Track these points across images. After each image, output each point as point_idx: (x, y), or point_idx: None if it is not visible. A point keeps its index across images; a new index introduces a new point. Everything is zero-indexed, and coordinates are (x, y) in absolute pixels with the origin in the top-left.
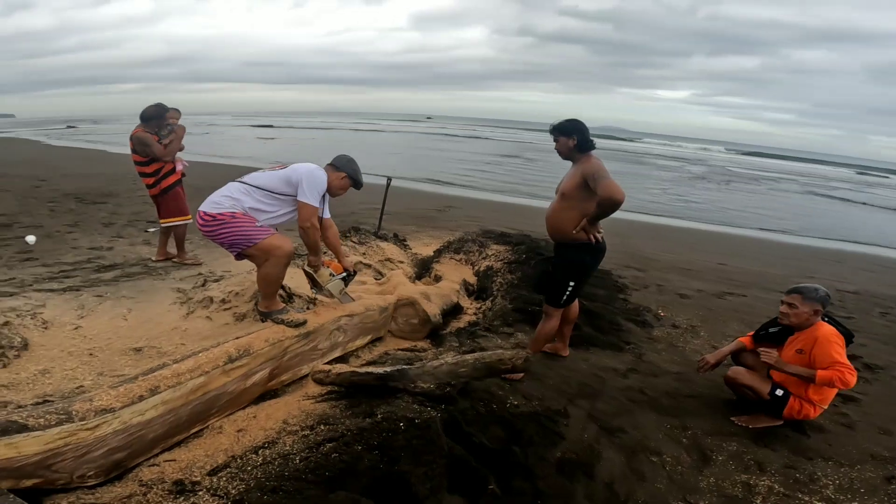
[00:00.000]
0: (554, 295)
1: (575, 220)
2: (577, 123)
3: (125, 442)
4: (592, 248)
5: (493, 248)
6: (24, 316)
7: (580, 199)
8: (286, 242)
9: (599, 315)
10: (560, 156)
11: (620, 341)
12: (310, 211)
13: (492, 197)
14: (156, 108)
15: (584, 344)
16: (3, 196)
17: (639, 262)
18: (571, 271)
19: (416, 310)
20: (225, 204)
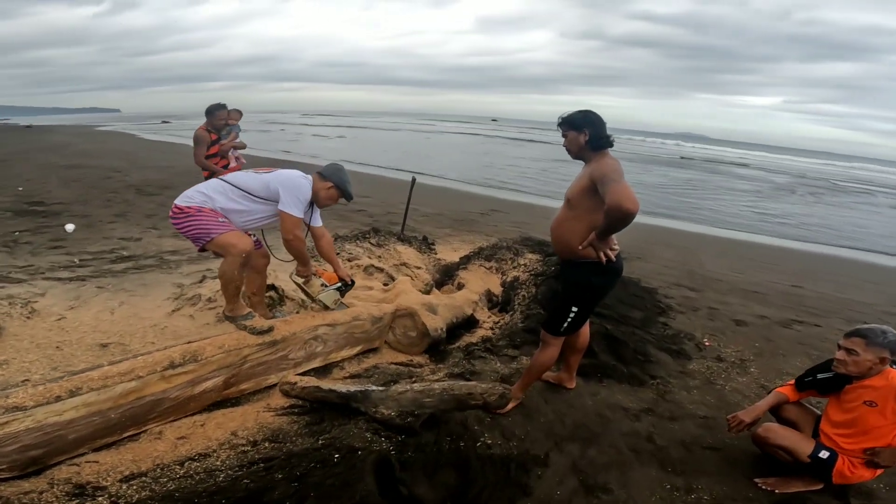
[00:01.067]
0: (553, 320)
1: (581, 234)
2: (590, 115)
3: (41, 440)
4: (603, 269)
5: (527, 257)
6: (15, 304)
7: (588, 207)
8: (242, 241)
9: (624, 341)
10: (570, 154)
11: (644, 374)
12: (292, 222)
13: (543, 202)
14: (211, 107)
15: (599, 375)
16: (72, 185)
17: (695, 280)
18: (575, 295)
19: (414, 322)
20: (195, 199)
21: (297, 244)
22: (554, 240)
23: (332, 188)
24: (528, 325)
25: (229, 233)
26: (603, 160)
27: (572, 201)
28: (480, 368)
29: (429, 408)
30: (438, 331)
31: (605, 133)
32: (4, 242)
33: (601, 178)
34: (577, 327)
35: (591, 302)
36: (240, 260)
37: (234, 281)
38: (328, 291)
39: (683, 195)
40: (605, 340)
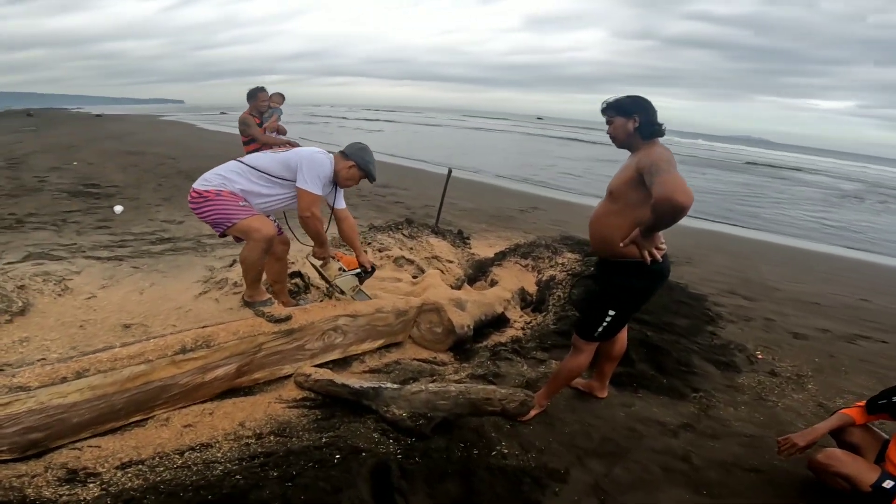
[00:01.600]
0: (586, 323)
1: (623, 230)
2: (640, 100)
3: (43, 422)
4: (646, 270)
5: (565, 256)
6: (49, 281)
7: (633, 201)
8: (266, 226)
9: (666, 350)
10: (615, 143)
11: (686, 386)
12: (309, 199)
13: (584, 201)
14: (252, 90)
15: (635, 385)
16: (128, 170)
17: (751, 289)
18: (613, 297)
19: (440, 317)
20: (213, 181)
21: (314, 223)
22: (592, 235)
23: (353, 167)
24: (560, 327)
25: (252, 217)
26: (653, 149)
27: (615, 194)
28: (505, 371)
29: (442, 411)
30: (465, 328)
31: (656, 120)
32: (54, 221)
33: (649, 168)
34: (613, 333)
35: (630, 306)
36: (263, 245)
37: (255, 267)
38: (346, 276)
39: (740, 200)
40: (645, 348)
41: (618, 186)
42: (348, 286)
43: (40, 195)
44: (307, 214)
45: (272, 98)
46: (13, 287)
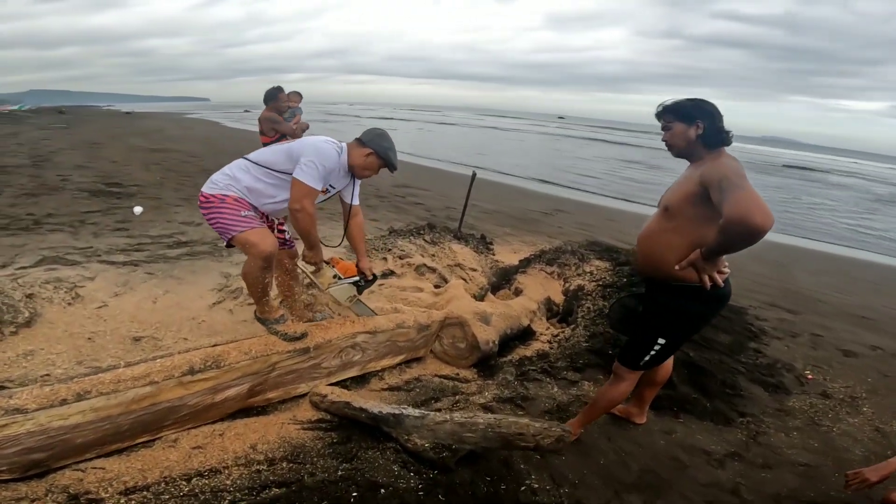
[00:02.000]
0: (632, 351)
1: (681, 250)
2: (705, 105)
3: (44, 444)
4: (705, 295)
5: (593, 264)
6: (60, 288)
7: (694, 218)
8: (264, 241)
9: (710, 371)
10: (671, 151)
11: (732, 410)
12: (302, 190)
13: (610, 204)
14: (272, 90)
15: (675, 409)
16: (152, 168)
17: (792, 300)
18: (664, 324)
19: (464, 332)
20: (220, 183)
21: (305, 219)
22: (642, 254)
23: (371, 155)
24: (593, 345)
25: (251, 230)
26: (720, 160)
27: (672, 209)
28: (534, 393)
29: (469, 444)
30: (490, 344)
31: (723, 126)
32: (72, 222)
33: (719, 182)
34: (661, 362)
35: (683, 333)
36: (260, 262)
37: (257, 284)
38: (341, 285)
39: (773, 204)
40: (686, 369)
41: (676, 201)
42: (344, 296)
43: (61, 194)
44: (296, 207)
45: (290, 97)
46: (21, 296)
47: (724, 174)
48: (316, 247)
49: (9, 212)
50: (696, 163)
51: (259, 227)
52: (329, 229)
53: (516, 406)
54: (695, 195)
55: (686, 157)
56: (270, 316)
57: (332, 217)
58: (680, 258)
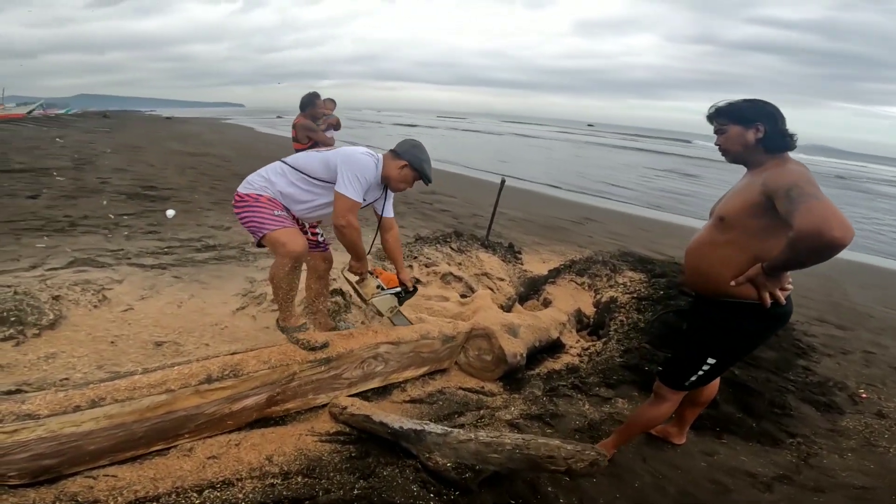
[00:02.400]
0: (676, 370)
1: (738, 265)
2: (765, 106)
3: (55, 450)
4: (763, 313)
5: (626, 275)
6: (88, 290)
7: (753, 230)
8: (294, 241)
9: (756, 389)
10: (726, 157)
11: (781, 431)
12: (345, 204)
13: (643, 212)
14: (309, 96)
15: (718, 429)
16: (187, 172)
17: (842, 315)
18: (716, 343)
19: (490, 345)
20: (255, 184)
21: (351, 233)
22: (692, 268)
23: (405, 167)
24: (628, 360)
25: (282, 230)
26: (786, 166)
27: (729, 220)
28: (564, 410)
29: (494, 465)
30: (517, 357)
31: (787, 130)
32: (106, 224)
33: (787, 191)
34: (708, 382)
35: (736, 353)
36: (289, 262)
37: (283, 286)
38: (384, 296)
39: None
40: (731, 387)
41: (733, 211)
42: (386, 306)
43: (98, 197)
44: (342, 223)
45: (325, 104)
46: (48, 297)
47: (793, 181)
48: (363, 258)
49: (46, 213)
50: (755, 169)
51: (290, 227)
52: None
53: (544, 423)
54: (756, 205)
55: (743, 163)
56: (292, 324)
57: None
58: (737, 273)
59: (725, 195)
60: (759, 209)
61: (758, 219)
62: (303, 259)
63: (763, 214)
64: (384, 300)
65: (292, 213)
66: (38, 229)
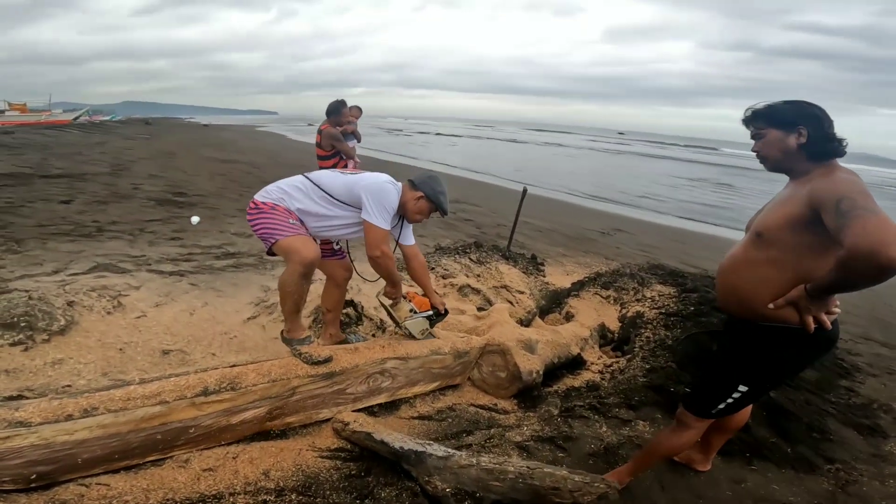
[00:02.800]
0: (703, 396)
1: (777, 285)
2: (809, 108)
3: (49, 457)
4: (805, 339)
5: (655, 289)
6: (103, 296)
7: (797, 247)
8: (307, 248)
9: (793, 412)
10: (765, 165)
11: (818, 456)
12: (378, 235)
13: (677, 223)
14: (336, 104)
15: (748, 454)
16: (217, 178)
17: (889, 333)
18: (750, 370)
19: (505, 361)
20: (272, 195)
21: (386, 262)
22: (725, 288)
23: (422, 199)
24: (652, 380)
25: (295, 237)
26: (834, 175)
27: (767, 236)
28: (579, 432)
29: (495, 493)
30: (533, 374)
31: (833, 133)
32: (132, 230)
33: (836, 203)
34: (738, 410)
35: (772, 381)
36: (300, 270)
37: (292, 294)
38: (416, 319)
39: None
40: (766, 409)
41: (773, 226)
42: (418, 329)
43: (129, 202)
44: (377, 253)
45: (351, 111)
46: (62, 303)
47: (843, 193)
48: (398, 284)
49: (76, 218)
50: (798, 179)
51: (304, 235)
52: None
53: (556, 447)
54: (799, 219)
55: (784, 172)
56: (297, 336)
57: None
58: (776, 295)
59: (764, 208)
60: (802, 224)
61: (801, 235)
62: (315, 267)
63: (807, 230)
64: (417, 323)
65: (306, 227)
66: (65, 234)
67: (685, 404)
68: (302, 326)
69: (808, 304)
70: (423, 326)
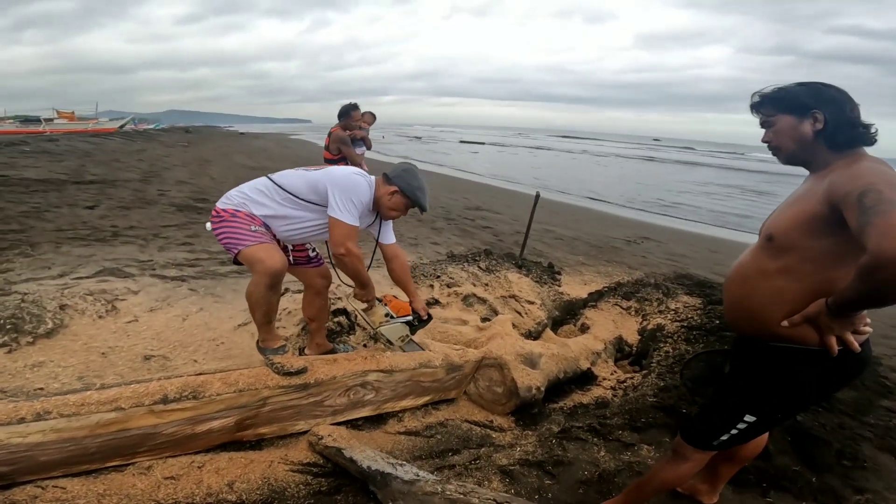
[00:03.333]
0: (704, 425)
1: (793, 300)
2: (826, 90)
3: (6, 458)
4: (829, 361)
5: (680, 300)
6: (99, 300)
7: (813, 252)
8: (271, 258)
9: (823, 437)
10: (778, 156)
11: (847, 486)
12: (342, 231)
13: (712, 232)
14: (346, 107)
15: (765, 484)
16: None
17: None
18: (759, 398)
19: (502, 375)
20: (234, 200)
21: (352, 261)
22: (731, 303)
23: (396, 194)
24: (662, 399)
25: (258, 245)
26: (859, 164)
27: (780, 240)
28: (573, 456)
29: None
30: (532, 390)
31: (858, 118)
32: (146, 235)
33: (858, 197)
34: (745, 441)
35: (785, 411)
36: (265, 281)
37: (260, 305)
38: (393, 324)
39: None
40: (790, 434)
41: (787, 228)
42: (396, 335)
43: (152, 208)
44: (341, 251)
45: (364, 117)
46: (54, 306)
47: (867, 184)
48: (367, 285)
49: (97, 223)
50: (818, 172)
51: (268, 243)
52: None
53: (544, 472)
54: (817, 218)
55: (801, 164)
56: (270, 345)
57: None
58: (791, 311)
59: (778, 208)
60: (820, 224)
61: (820, 238)
62: (281, 277)
63: (827, 232)
64: (393, 329)
65: (272, 232)
66: (81, 238)
67: (682, 433)
68: (275, 336)
69: (830, 321)
70: (401, 333)
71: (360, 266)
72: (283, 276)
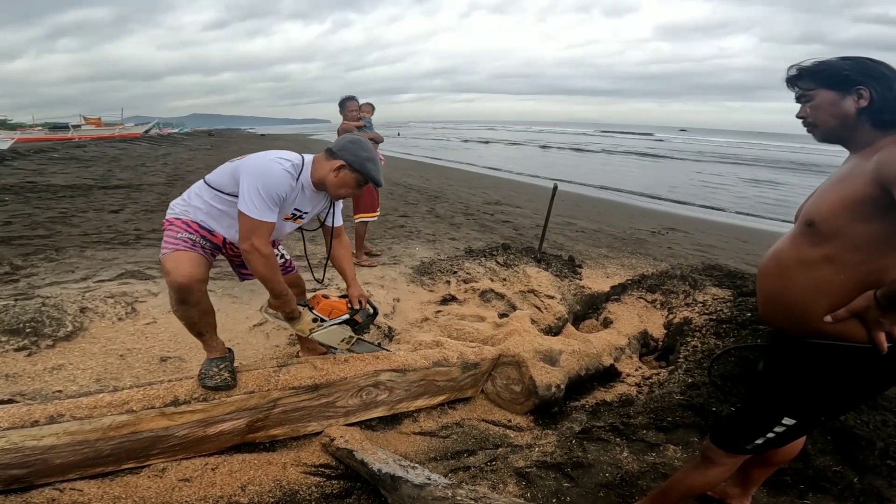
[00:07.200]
0: (738, 427)
1: (837, 292)
2: (870, 64)
3: (21, 461)
4: (879, 361)
5: (708, 292)
6: (119, 302)
7: (859, 239)
8: (178, 269)
9: (866, 436)
10: (814, 134)
11: (893, 487)
12: (247, 225)
13: (742, 222)
14: (341, 100)
15: (803, 486)
16: None
17: None
18: (799, 399)
19: (520, 374)
20: (176, 208)
21: (257, 261)
22: (766, 296)
23: (343, 168)
24: (690, 397)
25: (171, 254)
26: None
27: (822, 226)
28: (594, 458)
29: None
30: (552, 389)
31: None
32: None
33: None
34: (782, 445)
35: (828, 412)
36: (172, 294)
37: (184, 321)
38: (326, 329)
39: None
40: (830, 434)
41: (829, 212)
42: (336, 339)
43: None
44: (245, 247)
45: (362, 108)
46: (75, 309)
47: None
48: (282, 295)
49: (121, 227)
50: (861, 151)
51: (182, 251)
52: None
53: (563, 475)
54: (863, 201)
55: (838, 142)
56: (210, 354)
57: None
58: (835, 304)
59: (816, 191)
60: (868, 208)
61: (867, 222)
62: (190, 290)
63: (875, 216)
64: (328, 333)
65: (218, 237)
66: (105, 242)
67: (712, 436)
68: (213, 346)
69: (880, 315)
70: (342, 335)
71: (267, 268)
72: (197, 289)
